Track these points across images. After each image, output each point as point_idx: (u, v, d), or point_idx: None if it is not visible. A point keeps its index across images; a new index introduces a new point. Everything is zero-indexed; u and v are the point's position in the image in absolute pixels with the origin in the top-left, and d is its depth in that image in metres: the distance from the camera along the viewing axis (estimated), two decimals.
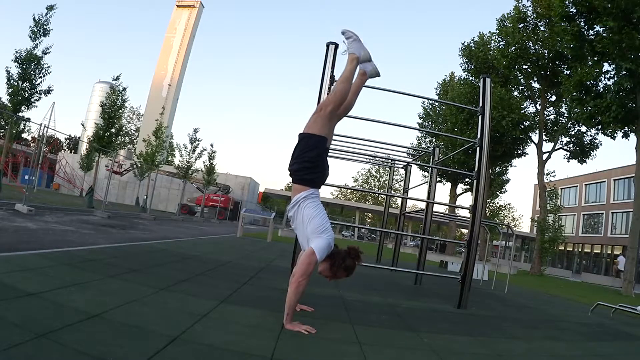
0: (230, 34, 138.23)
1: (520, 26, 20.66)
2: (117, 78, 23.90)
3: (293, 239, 4.36)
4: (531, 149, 25.31)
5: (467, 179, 27.01)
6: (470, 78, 24.35)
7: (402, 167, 9.95)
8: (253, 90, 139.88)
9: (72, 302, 2.41)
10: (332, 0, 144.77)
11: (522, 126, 21.99)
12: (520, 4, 20.75)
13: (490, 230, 11.87)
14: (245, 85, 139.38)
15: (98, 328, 2.06)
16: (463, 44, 24.29)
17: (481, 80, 5.17)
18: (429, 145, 26.81)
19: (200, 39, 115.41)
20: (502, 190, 31.58)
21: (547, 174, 22.16)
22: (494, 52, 22.42)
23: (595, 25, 14.52)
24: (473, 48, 24.01)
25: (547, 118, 22.74)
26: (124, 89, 24.43)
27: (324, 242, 2.67)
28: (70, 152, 57.38)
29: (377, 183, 68.92)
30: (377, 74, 3.23)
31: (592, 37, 14.69)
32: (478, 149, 4.97)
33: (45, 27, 14.40)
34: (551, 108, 23.03)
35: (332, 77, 4.59)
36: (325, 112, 2.88)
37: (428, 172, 15.27)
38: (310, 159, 2.80)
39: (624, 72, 13.86)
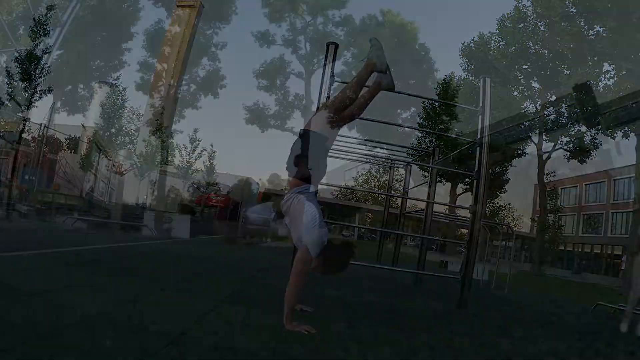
0: (230, 33, 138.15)
1: (520, 26, 20.66)
2: (117, 78, 23.92)
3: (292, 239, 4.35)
4: (531, 149, 25.33)
5: (467, 179, 26.98)
6: (470, 78, 24.36)
7: (402, 167, 9.94)
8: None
9: (72, 302, 2.41)
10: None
11: (522, 126, 21.99)
12: (520, 4, 20.77)
13: (490, 230, 11.84)
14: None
15: (98, 328, 2.05)
16: (463, 44, 24.33)
17: (481, 80, 5.16)
18: (429, 145, 26.79)
19: (200, 39, 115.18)
20: (502, 190, 31.56)
21: (547, 174, 22.15)
22: (494, 52, 22.43)
23: (595, 25, 14.53)
24: (473, 48, 24.01)
25: (547, 118, 22.74)
26: (124, 89, 24.44)
27: (316, 238, 2.66)
28: (70, 152, 57.27)
29: (377, 183, 68.80)
30: (392, 88, 3.15)
31: (592, 37, 14.69)
32: (478, 149, 4.96)
33: (45, 27, 14.40)
34: (551, 108, 23.03)
35: (332, 76, 4.59)
36: (325, 113, 2.89)
37: (428, 172, 15.25)
38: (306, 155, 2.81)
39: (624, 72, 13.86)
